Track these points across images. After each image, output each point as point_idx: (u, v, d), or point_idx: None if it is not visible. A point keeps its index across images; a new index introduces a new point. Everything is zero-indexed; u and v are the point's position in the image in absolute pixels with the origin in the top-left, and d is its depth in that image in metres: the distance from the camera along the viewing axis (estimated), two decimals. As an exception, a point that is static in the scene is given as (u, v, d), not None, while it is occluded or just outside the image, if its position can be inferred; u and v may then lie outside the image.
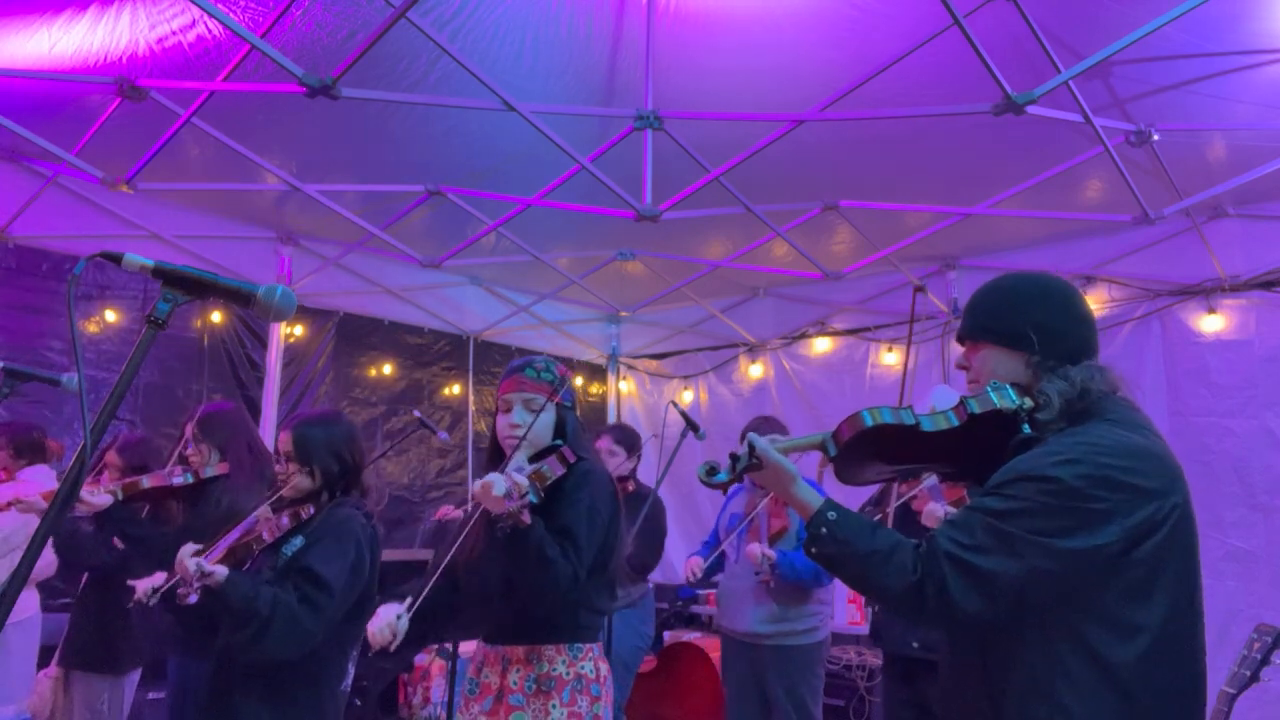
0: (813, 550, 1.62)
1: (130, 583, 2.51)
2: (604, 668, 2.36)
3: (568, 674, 2.26)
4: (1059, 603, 1.50)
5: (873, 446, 1.67)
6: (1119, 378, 1.68)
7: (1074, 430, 1.58)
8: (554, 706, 2.22)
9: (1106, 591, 1.49)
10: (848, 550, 1.57)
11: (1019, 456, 1.58)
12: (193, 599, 2.26)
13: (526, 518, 2.06)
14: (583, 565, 2.21)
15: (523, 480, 2.07)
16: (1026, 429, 1.61)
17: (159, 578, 2.52)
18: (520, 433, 2.34)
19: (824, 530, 1.59)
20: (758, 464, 1.64)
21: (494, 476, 2.06)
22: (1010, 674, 1.54)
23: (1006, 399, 1.62)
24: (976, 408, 1.63)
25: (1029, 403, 1.63)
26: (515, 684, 2.26)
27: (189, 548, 2.30)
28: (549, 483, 2.19)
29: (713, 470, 1.66)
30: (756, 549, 3.81)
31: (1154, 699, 1.48)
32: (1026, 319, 1.68)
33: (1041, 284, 1.75)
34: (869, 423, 1.63)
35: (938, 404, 1.78)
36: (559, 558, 2.15)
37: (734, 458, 1.65)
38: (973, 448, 1.68)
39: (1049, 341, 1.66)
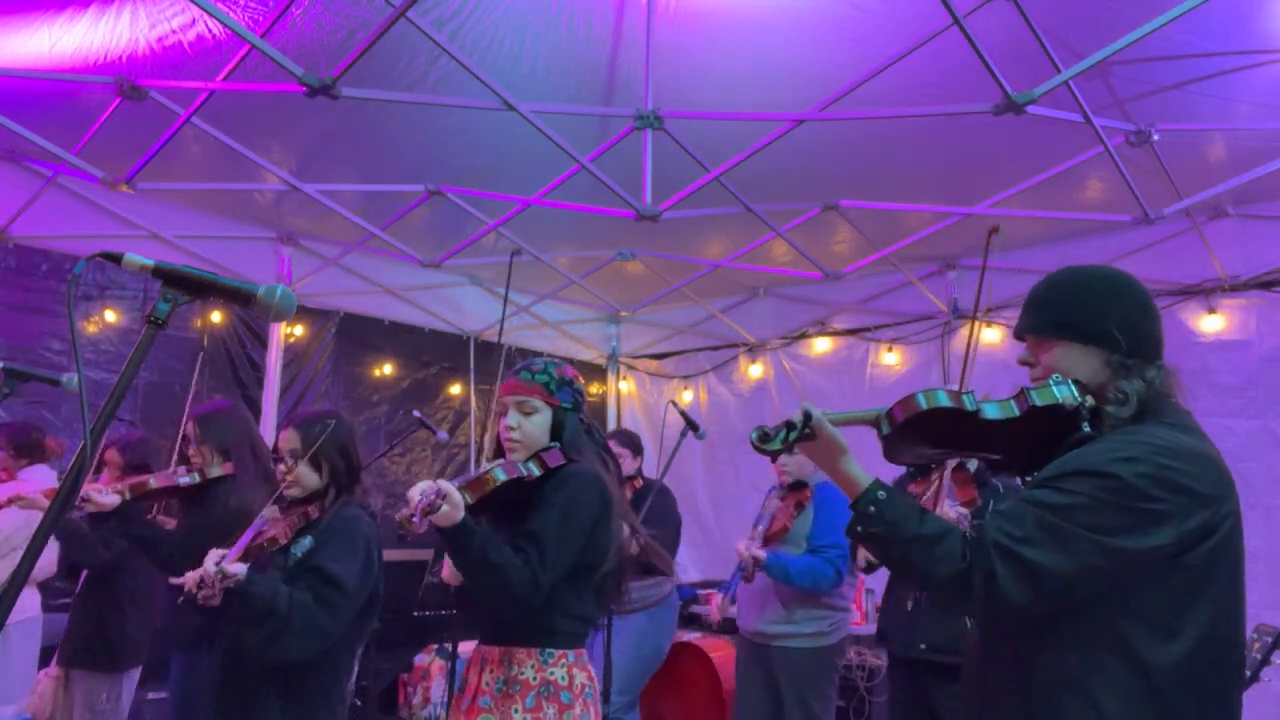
0: (858, 529, 1.58)
1: (174, 581, 2.47)
2: (581, 676, 2.25)
3: (534, 679, 2.19)
4: (1103, 600, 1.48)
5: (925, 429, 1.63)
6: (1178, 381, 1.65)
7: (1132, 429, 1.54)
8: (516, 711, 2.16)
9: (1153, 593, 1.47)
10: (895, 532, 1.53)
11: (1075, 451, 1.54)
12: (215, 601, 2.26)
13: (420, 526, 1.98)
14: (545, 570, 2.13)
15: (449, 487, 2.02)
16: (1087, 427, 1.58)
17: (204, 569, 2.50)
18: (514, 435, 2.32)
19: (872, 509, 1.55)
20: (810, 434, 1.58)
21: (422, 484, 2.03)
22: (1044, 666, 1.52)
23: (1068, 395, 1.59)
24: (1039, 400, 1.60)
25: (1090, 400, 1.59)
26: (486, 685, 2.22)
27: (215, 552, 2.29)
28: (498, 484, 2.16)
29: (765, 436, 1.60)
30: (742, 546, 3.80)
31: (1189, 704, 1.46)
32: (1109, 317, 1.62)
33: (1115, 280, 1.69)
34: (924, 406, 1.59)
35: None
36: (508, 562, 2.08)
37: (789, 425, 1.58)
38: (1022, 440, 1.65)
39: (1134, 340, 1.61)
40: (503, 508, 2.27)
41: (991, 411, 1.62)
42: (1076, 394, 1.59)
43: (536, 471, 2.25)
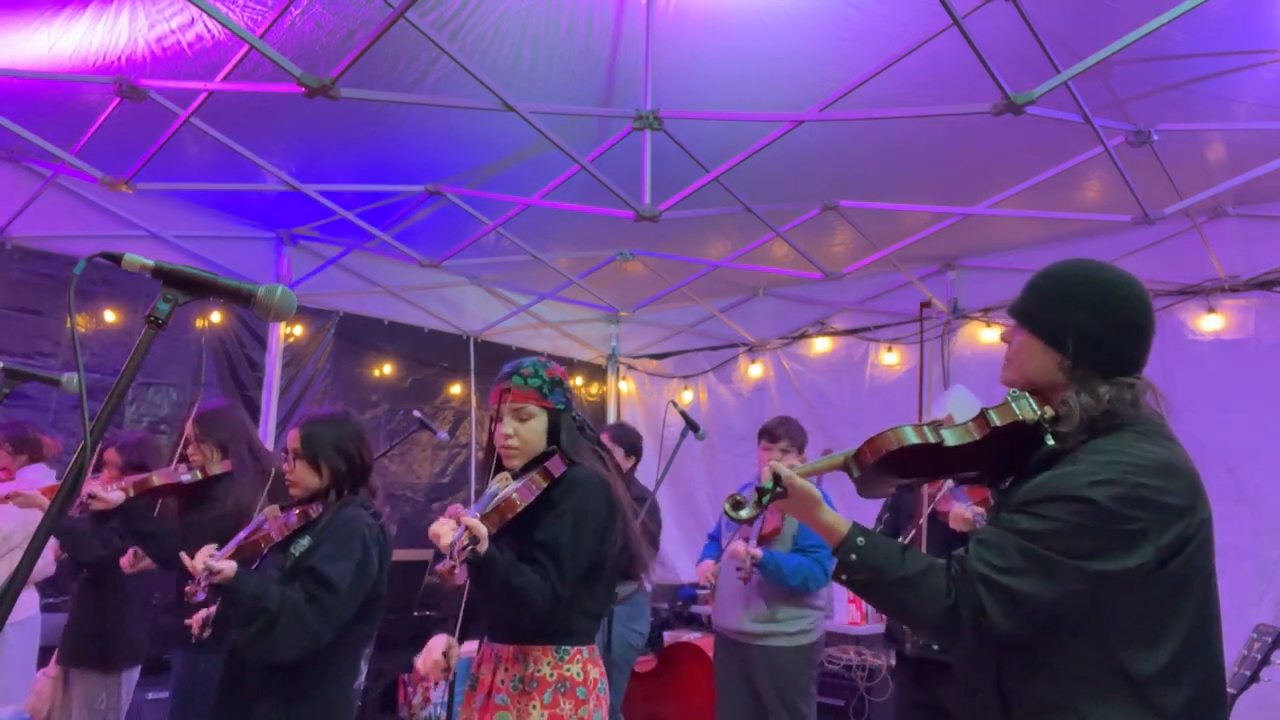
0: (843, 577, 1.59)
1: (188, 622, 2.54)
2: (594, 671, 2.30)
3: (551, 675, 2.22)
4: (1087, 619, 1.48)
5: (895, 464, 1.64)
6: (1148, 386, 1.60)
7: (1102, 443, 1.52)
8: (534, 708, 2.19)
9: (1135, 606, 1.47)
10: (879, 577, 1.54)
11: (1049, 473, 1.53)
12: (200, 596, 2.26)
13: (459, 577, 2.02)
14: (564, 580, 2.17)
15: (476, 525, 2.01)
16: (1050, 440, 1.56)
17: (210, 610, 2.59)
18: (512, 443, 2.32)
19: (854, 557, 1.56)
20: (783, 493, 1.61)
21: (444, 526, 2.03)
22: (1028, 685, 1.52)
23: (1027, 409, 1.59)
24: (998, 420, 1.60)
25: (1050, 412, 1.58)
26: (502, 683, 2.25)
27: (208, 548, 2.30)
28: (520, 510, 2.17)
29: (738, 504, 1.64)
30: (740, 546, 3.81)
31: (1179, 709, 1.47)
32: (1068, 321, 1.59)
33: (1101, 285, 1.62)
34: (894, 446, 1.61)
35: (954, 407, 1.73)
36: (528, 584, 2.11)
37: (760, 490, 1.62)
38: (988, 457, 1.65)
39: (1084, 351, 1.57)
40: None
41: (954, 439, 1.62)
42: (1035, 407, 1.59)
43: (544, 484, 2.25)
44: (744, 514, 1.63)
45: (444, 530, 2.01)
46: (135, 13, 3.20)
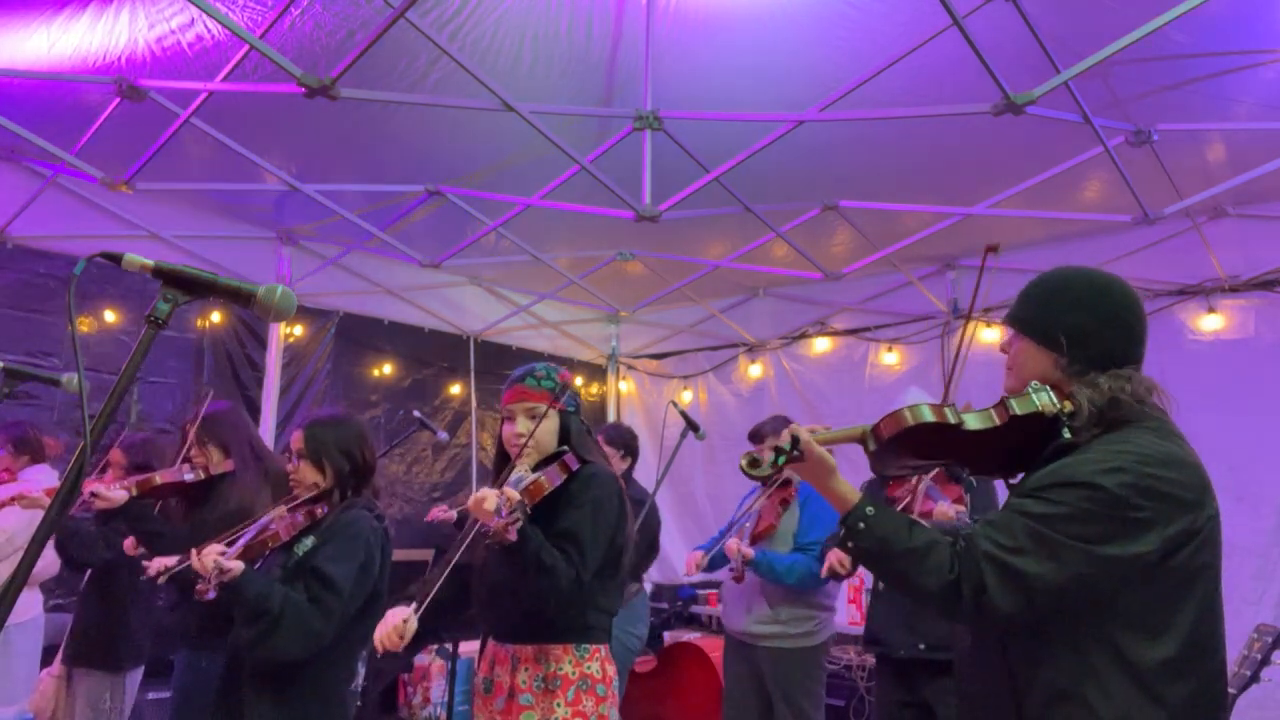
0: (849, 545, 1.62)
1: (145, 564, 2.52)
2: (610, 669, 2.39)
3: (574, 674, 2.29)
4: (1091, 606, 1.50)
5: (911, 442, 1.67)
6: (1153, 384, 1.65)
7: (1114, 437, 1.57)
8: (559, 705, 2.26)
9: (1140, 597, 1.50)
10: (885, 548, 1.58)
11: (1060, 461, 1.57)
12: (211, 595, 2.28)
13: (513, 534, 2.10)
14: (586, 567, 2.25)
15: (516, 494, 2.11)
16: (1067, 434, 1.60)
17: (171, 559, 2.56)
18: (524, 441, 2.38)
19: (862, 526, 1.60)
20: (799, 456, 1.64)
21: (487, 491, 2.11)
22: (1035, 672, 1.54)
23: (1047, 401, 1.63)
24: (1019, 409, 1.63)
25: (1069, 406, 1.62)
26: (524, 683, 2.30)
27: (215, 546, 2.31)
28: (547, 492, 2.26)
29: (755, 462, 1.67)
30: (733, 544, 3.80)
31: (1180, 702, 1.49)
32: (1059, 321, 1.66)
33: (1087, 284, 1.70)
34: (910, 422, 1.63)
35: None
36: (557, 564, 2.19)
37: (777, 450, 1.65)
38: (1005, 446, 1.68)
39: (1077, 346, 1.64)
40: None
41: (974, 422, 1.66)
42: (1055, 400, 1.62)
43: (564, 475, 2.34)
44: (760, 472, 1.66)
45: (488, 495, 2.09)
46: (135, 13, 3.20)
